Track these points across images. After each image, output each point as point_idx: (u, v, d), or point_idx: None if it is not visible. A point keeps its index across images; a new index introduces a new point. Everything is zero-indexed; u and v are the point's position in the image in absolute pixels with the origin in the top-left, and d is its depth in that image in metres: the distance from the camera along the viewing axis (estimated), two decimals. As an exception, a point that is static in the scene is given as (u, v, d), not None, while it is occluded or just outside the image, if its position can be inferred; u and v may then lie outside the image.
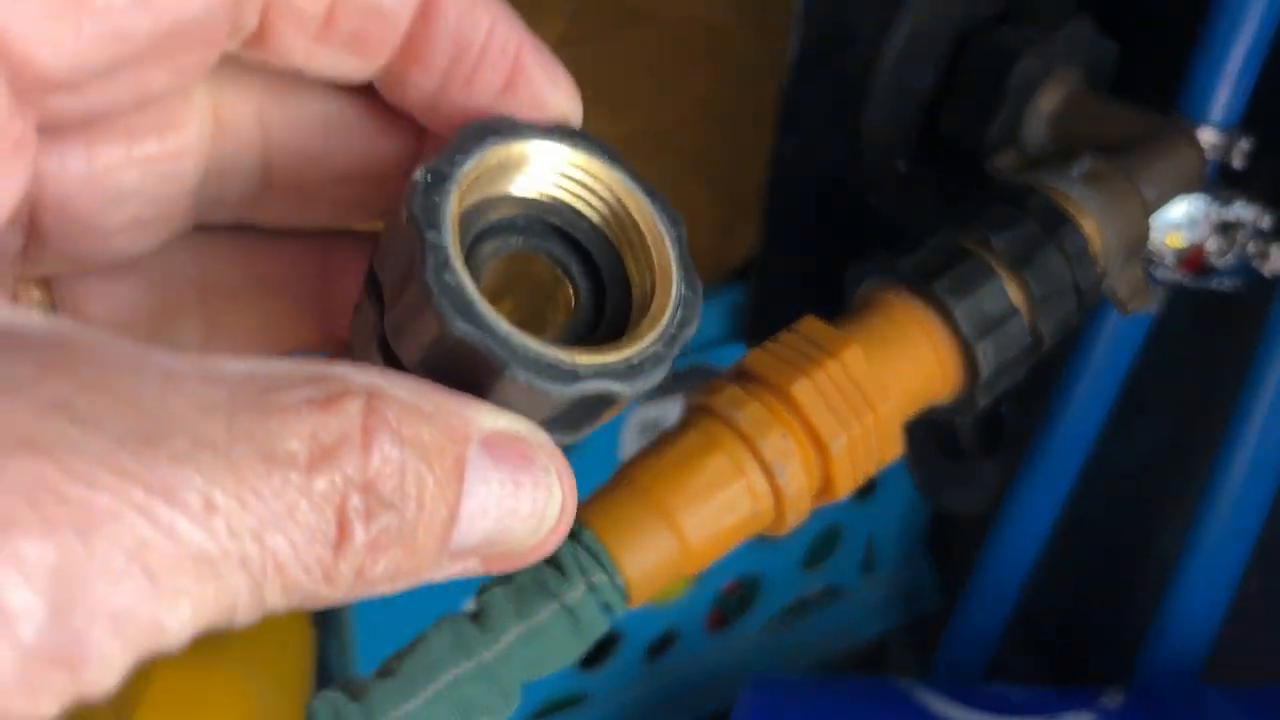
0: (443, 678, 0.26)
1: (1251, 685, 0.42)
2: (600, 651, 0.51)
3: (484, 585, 0.27)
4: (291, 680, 0.40)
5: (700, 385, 0.31)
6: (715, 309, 0.43)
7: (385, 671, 0.26)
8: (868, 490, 0.55)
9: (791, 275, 0.42)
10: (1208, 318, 0.48)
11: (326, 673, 0.48)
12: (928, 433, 0.44)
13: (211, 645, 0.35)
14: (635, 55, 0.55)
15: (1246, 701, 0.40)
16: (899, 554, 0.59)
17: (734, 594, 0.56)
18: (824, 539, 0.55)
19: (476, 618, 0.27)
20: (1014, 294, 0.32)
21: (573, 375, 0.19)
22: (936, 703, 0.42)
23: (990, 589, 0.51)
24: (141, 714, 0.32)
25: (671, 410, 0.47)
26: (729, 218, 0.48)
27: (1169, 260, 0.41)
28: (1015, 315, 0.32)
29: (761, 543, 0.52)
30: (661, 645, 0.53)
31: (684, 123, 0.52)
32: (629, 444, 0.45)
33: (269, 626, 0.40)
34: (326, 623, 0.46)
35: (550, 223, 0.22)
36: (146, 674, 0.32)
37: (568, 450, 0.21)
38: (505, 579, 0.27)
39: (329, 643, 0.46)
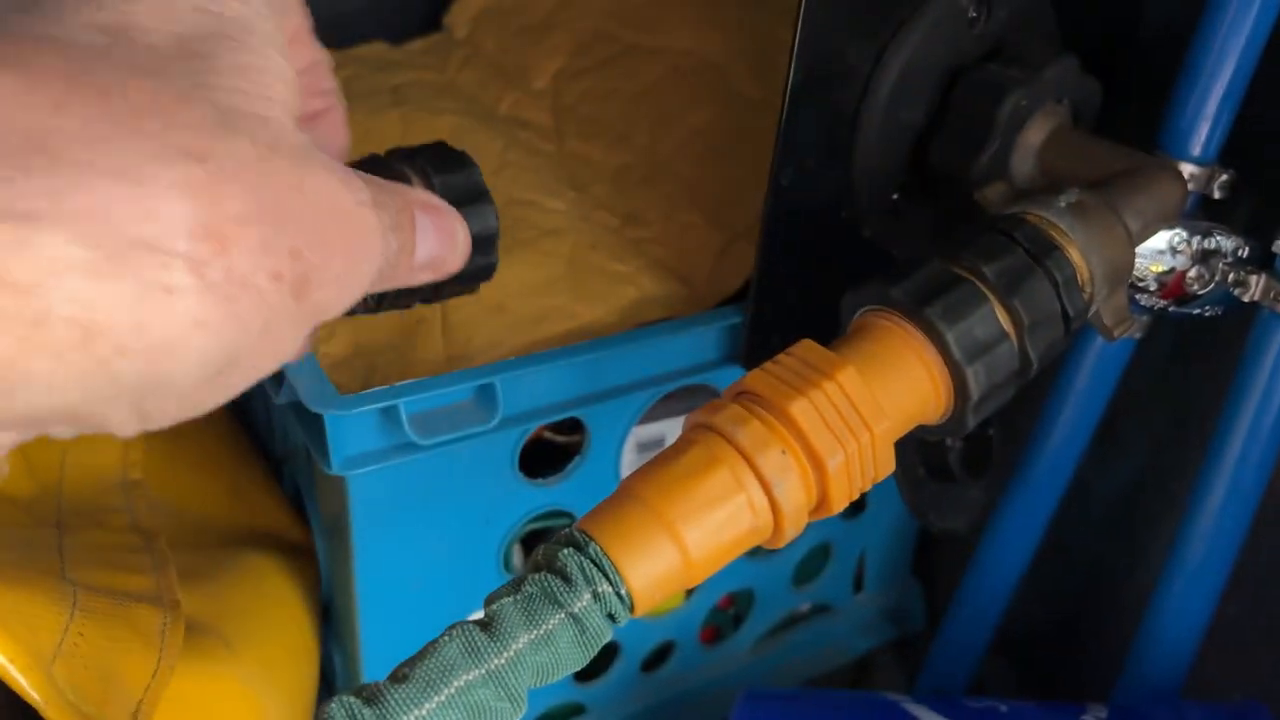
0: (454, 683, 0.27)
1: (1230, 703, 0.43)
2: (598, 663, 0.52)
3: (492, 594, 0.28)
4: (300, 689, 0.41)
5: (702, 404, 0.32)
6: (713, 332, 0.44)
7: (398, 677, 0.27)
8: (858, 509, 0.57)
9: (787, 300, 0.43)
10: (1189, 345, 0.49)
11: (331, 683, 0.48)
12: (917, 454, 0.46)
13: (221, 654, 0.36)
14: (634, 89, 0.57)
15: (1224, 718, 0.41)
16: (888, 572, 0.60)
17: (727, 609, 0.57)
18: (815, 556, 0.56)
19: (486, 626, 0.28)
20: (1004, 320, 0.33)
21: None
22: (926, 716, 0.43)
23: (974, 608, 0.52)
24: (152, 720, 0.33)
25: (671, 430, 0.48)
26: (725, 244, 0.50)
27: (1152, 288, 0.42)
28: (1005, 340, 0.33)
29: (754, 558, 0.53)
30: (657, 658, 0.54)
31: (682, 154, 0.53)
32: (629, 462, 0.46)
33: (277, 636, 0.41)
34: (332, 632, 0.47)
35: None
36: (158, 683, 0.33)
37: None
38: (513, 588, 0.28)
39: (334, 653, 0.47)
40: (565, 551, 0.29)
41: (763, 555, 0.53)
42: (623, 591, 0.29)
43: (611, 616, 0.29)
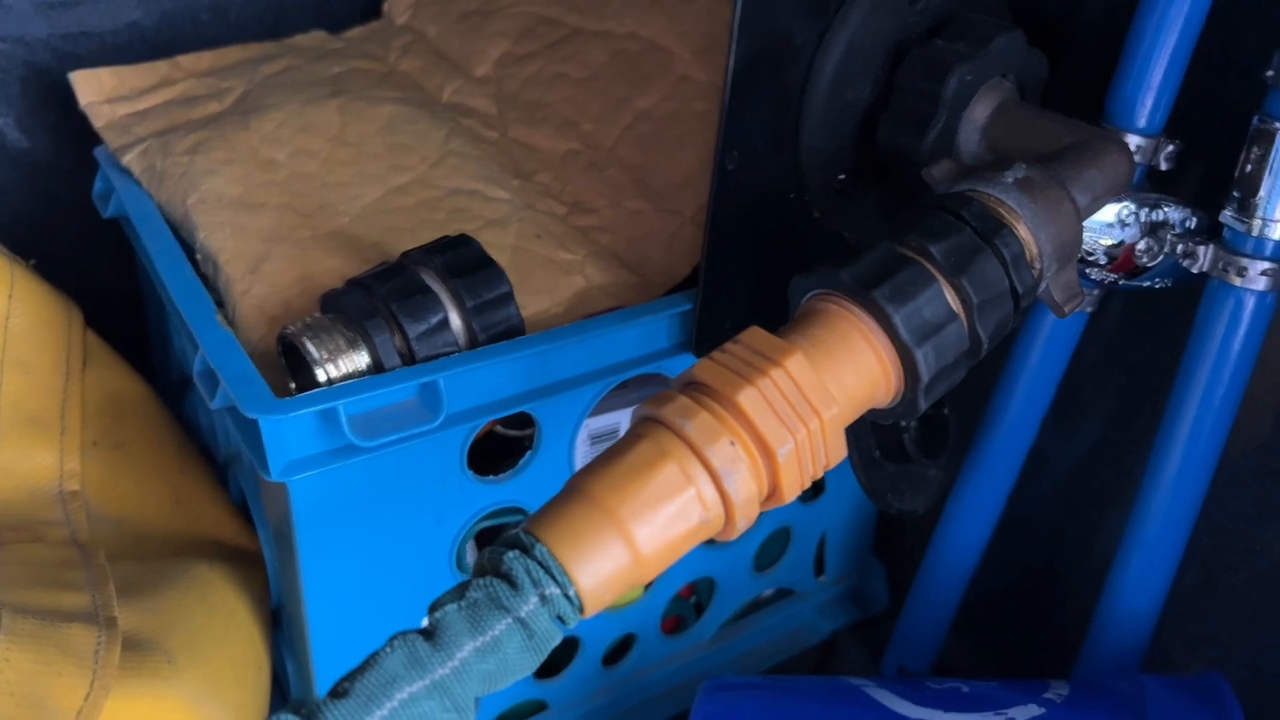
0: (397, 696, 0.26)
1: (1189, 675, 0.43)
2: (558, 660, 0.51)
3: (435, 602, 0.27)
4: (248, 702, 0.40)
5: (649, 395, 0.31)
6: (662, 320, 0.43)
7: (338, 692, 0.26)
8: (816, 491, 0.56)
9: (737, 286, 0.42)
10: (1143, 317, 0.49)
11: (286, 692, 0.47)
12: (872, 436, 0.45)
13: (164, 670, 0.35)
14: (578, 74, 0.56)
15: (1185, 688, 0.41)
16: (849, 554, 0.60)
17: (688, 598, 0.56)
18: (775, 541, 0.56)
19: (429, 635, 0.27)
20: (952, 300, 0.33)
21: None
22: (890, 699, 0.43)
23: (935, 587, 0.52)
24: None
25: (624, 420, 0.47)
26: (674, 230, 0.49)
27: (1102, 261, 0.42)
28: (954, 320, 0.33)
29: (713, 546, 0.52)
30: (618, 651, 0.53)
31: (628, 139, 0.52)
32: (582, 455, 0.45)
33: (224, 648, 0.40)
34: (284, 639, 0.46)
35: None
36: (91, 706, 0.32)
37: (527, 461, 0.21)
38: (457, 594, 0.27)
39: (287, 661, 0.46)
40: (511, 554, 0.28)
41: (722, 542, 0.53)
42: (571, 593, 0.28)
43: (560, 619, 0.28)
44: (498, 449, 0.46)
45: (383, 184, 0.50)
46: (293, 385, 0.39)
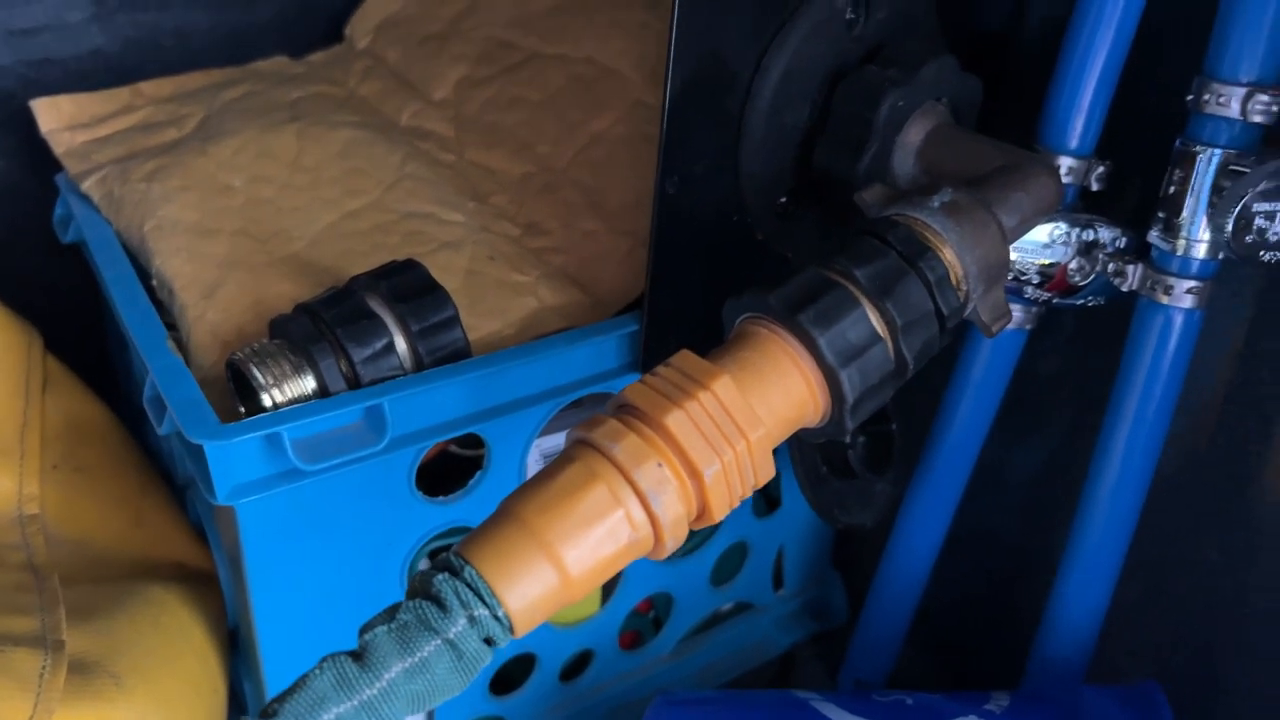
0: (324, 717, 0.26)
1: (1127, 685, 0.44)
2: (515, 676, 0.51)
3: (366, 624, 0.28)
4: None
5: (582, 419, 0.32)
6: (611, 340, 0.44)
7: (268, 713, 0.26)
8: (772, 506, 0.57)
9: (683, 307, 0.43)
10: (1082, 333, 0.50)
11: (244, 710, 0.48)
12: (817, 453, 0.46)
13: (110, 692, 0.36)
14: (535, 97, 0.57)
15: (1122, 698, 0.42)
16: (807, 567, 0.61)
17: (646, 613, 0.57)
18: (732, 555, 0.57)
19: (359, 656, 0.27)
20: (876, 322, 0.34)
21: None
22: (835, 712, 0.44)
23: (889, 601, 0.53)
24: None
25: (573, 439, 0.48)
26: (627, 251, 0.50)
27: (1035, 281, 0.43)
28: (879, 342, 0.34)
29: (670, 561, 0.53)
30: (576, 667, 0.54)
31: (583, 162, 0.53)
32: (532, 474, 0.46)
33: (176, 669, 0.41)
34: (241, 660, 0.46)
35: None
36: (47, 713, 0.33)
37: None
38: (388, 616, 0.28)
39: (245, 681, 0.46)
40: (440, 577, 0.28)
41: (678, 557, 0.53)
42: (500, 614, 0.29)
43: (489, 640, 0.29)
44: (453, 468, 0.46)
45: (338, 209, 0.51)
46: (242, 410, 0.39)
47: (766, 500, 0.57)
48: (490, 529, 0.30)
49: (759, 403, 0.32)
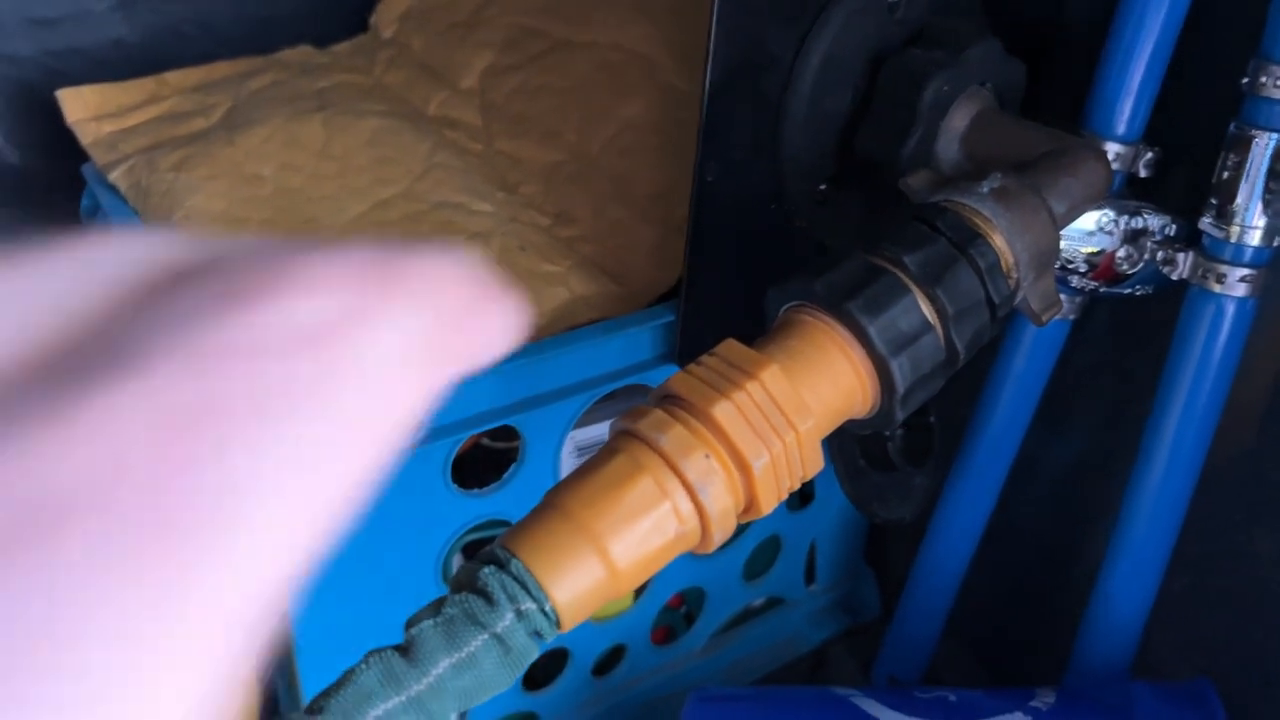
0: (372, 712, 0.26)
1: (1178, 681, 0.43)
2: (548, 671, 0.51)
3: (412, 618, 0.27)
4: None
5: (626, 410, 0.31)
6: (646, 332, 0.43)
7: (314, 709, 0.26)
8: (805, 499, 0.56)
9: (719, 297, 0.42)
10: (1132, 324, 0.49)
11: (277, 708, 0.47)
12: (857, 446, 0.45)
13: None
14: (563, 84, 0.56)
15: (1173, 695, 0.41)
16: (839, 562, 0.60)
17: (678, 608, 0.56)
18: (764, 550, 0.56)
19: (405, 651, 0.27)
20: (927, 310, 0.33)
21: None
22: (876, 709, 0.43)
23: (925, 595, 0.52)
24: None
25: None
26: (658, 240, 0.49)
27: (1082, 269, 0.42)
28: (929, 331, 0.33)
29: (702, 556, 0.52)
30: (609, 662, 0.53)
31: (612, 149, 0.52)
32: (568, 467, 0.45)
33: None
34: (273, 655, 0.46)
35: None
36: None
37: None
38: (433, 610, 0.27)
39: (277, 679, 0.46)
40: (486, 570, 0.28)
41: (711, 552, 0.52)
42: (547, 608, 0.28)
43: (537, 634, 0.28)
44: (485, 461, 0.46)
45: (368, 198, 0.50)
46: None
47: (800, 494, 0.57)
48: (535, 521, 0.29)
49: (808, 393, 0.32)
